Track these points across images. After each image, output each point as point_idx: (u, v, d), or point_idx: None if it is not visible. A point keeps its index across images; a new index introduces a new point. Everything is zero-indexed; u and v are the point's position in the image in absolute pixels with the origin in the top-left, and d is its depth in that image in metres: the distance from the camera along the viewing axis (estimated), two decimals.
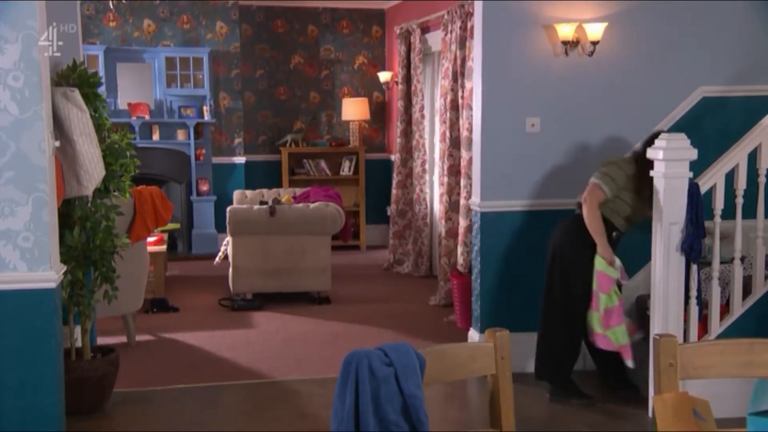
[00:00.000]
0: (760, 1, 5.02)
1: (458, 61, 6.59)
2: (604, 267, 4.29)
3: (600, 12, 4.93)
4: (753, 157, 4.24)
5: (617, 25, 4.95)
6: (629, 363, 4.30)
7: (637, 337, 4.41)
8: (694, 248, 4.05)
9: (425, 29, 7.94)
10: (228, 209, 6.78)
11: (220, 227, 8.39)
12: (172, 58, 8.65)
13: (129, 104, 8.55)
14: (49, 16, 3.41)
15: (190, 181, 8.81)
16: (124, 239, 4.60)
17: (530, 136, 4.96)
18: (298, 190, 7.99)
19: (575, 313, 4.44)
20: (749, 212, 4.25)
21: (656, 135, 4.25)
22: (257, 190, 8.17)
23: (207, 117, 8.72)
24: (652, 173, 4.16)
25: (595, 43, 4.86)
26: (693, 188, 4.06)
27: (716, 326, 4.24)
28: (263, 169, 9.30)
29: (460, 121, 6.61)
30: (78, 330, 4.46)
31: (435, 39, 7.64)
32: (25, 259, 3.26)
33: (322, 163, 9.37)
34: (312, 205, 6.84)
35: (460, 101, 6.63)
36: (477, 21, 5.04)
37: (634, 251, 4.83)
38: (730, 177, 4.20)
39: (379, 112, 9.64)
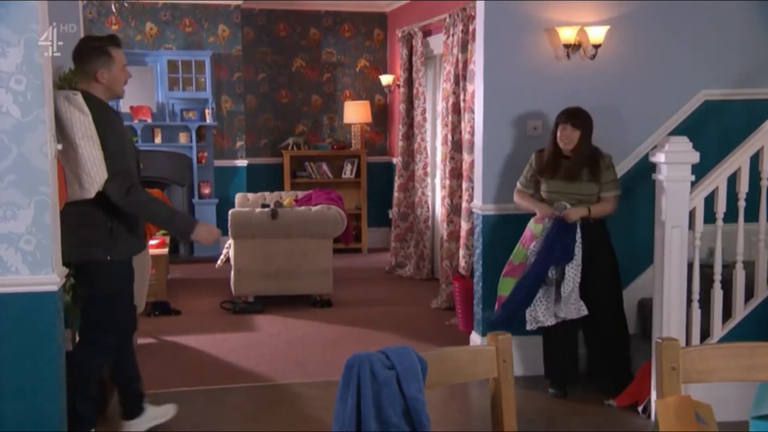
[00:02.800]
0: (762, 3, 5.02)
1: (460, 65, 6.59)
2: (533, 226, 4.56)
3: (602, 15, 4.93)
4: (755, 161, 4.24)
5: (619, 29, 4.95)
6: (496, 314, 4.59)
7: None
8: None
9: (427, 32, 7.95)
10: (230, 212, 6.78)
11: (222, 230, 8.37)
12: (174, 61, 8.66)
13: (131, 107, 8.55)
14: (50, 16, 3.41)
15: (192, 184, 8.82)
16: None
17: (532, 139, 4.96)
18: (300, 193, 7.99)
19: None
20: (751, 215, 4.25)
21: (563, 112, 4.53)
22: (259, 193, 8.17)
23: (209, 120, 8.73)
24: (654, 176, 4.16)
25: (597, 47, 4.86)
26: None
27: (718, 330, 4.24)
28: (265, 172, 9.30)
29: (462, 124, 6.62)
30: None
31: (437, 42, 7.65)
32: (27, 263, 3.26)
33: (324, 166, 9.38)
34: (314, 208, 6.85)
35: (461, 104, 6.63)
36: (479, 24, 5.04)
37: (636, 254, 4.83)
38: (732, 180, 4.20)
39: (381, 115, 9.65)
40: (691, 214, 4.13)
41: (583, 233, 4.50)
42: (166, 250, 7.05)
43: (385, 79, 9.19)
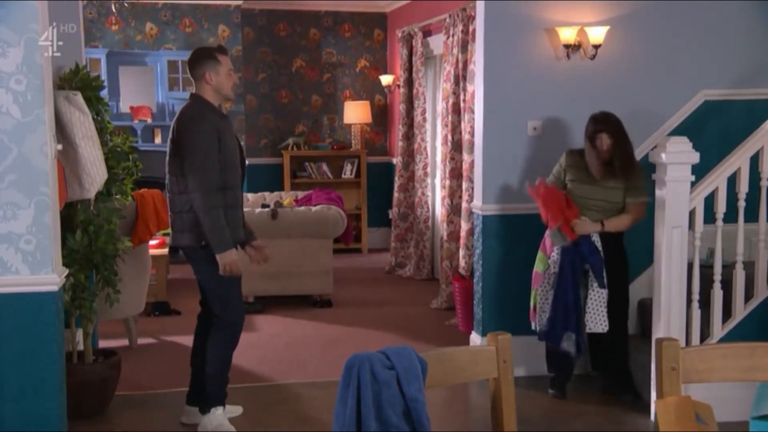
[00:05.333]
0: (762, 3, 5.02)
1: (460, 65, 6.59)
2: (549, 233, 4.55)
3: (602, 15, 4.93)
4: (755, 161, 4.24)
5: (619, 29, 4.95)
6: (534, 325, 4.63)
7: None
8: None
9: (427, 33, 7.95)
10: None
11: None
12: (175, 61, 8.66)
13: (131, 107, 8.56)
14: (50, 16, 3.42)
15: None
16: (126, 242, 4.60)
17: (532, 139, 4.96)
18: (300, 194, 7.98)
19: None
20: (751, 215, 4.25)
21: (593, 118, 4.47)
22: (259, 194, 8.16)
23: None
24: (654, 176, 4.16)
25: (596, 47, 4.86)
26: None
27: (718, 330, 4.24)
28: (265, 173, 9.30)
29: (462, 125, 6.62)
30: (80, 333, 4.47)
31: (437, 42, 7.65)
32: (27, 263, 3.27)
33: (324, 167, 9.37)
34: (314, 209, 6.84)
35: (461, 104, 6.63)
36: (479, 24, 5.04)
37: (636, 254, 4.83)
38: (732, 180, 4.20)
39: (381, 116, 9.65)
40: (691, 214, 4.14)
41: (598, 237, 4.50)
42: (166, 251, 7.04)
43: (385, 80, 9.19)
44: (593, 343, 4.71)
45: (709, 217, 4.18)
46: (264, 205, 7.26)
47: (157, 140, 8.63)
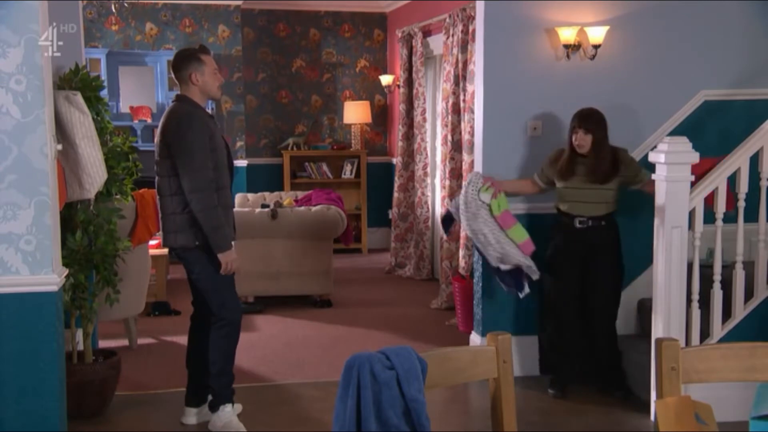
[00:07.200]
0: (762, 3, 5.02)
1: (460, 65, 6.59)
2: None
3: (602, 16, 4.93)
4: (755, 161, 4.24)
5: (619, 29, 4.95)
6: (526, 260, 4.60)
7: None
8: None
9: (427, 33, 7.95)
10: None
11: None
12: None
13: (131, 108, 8.55)
14: (50, 16, 3.42)
15: None
16: (125, 242, 4.60)
17: (532, 139, 4.96)
18: (300, 194, 7.99)
19: (552, 310, 4.69)
20: (751, 216, 4.25)
21: (576, 115, 4.56)
22: (259, 194, 8.17)
23: None
24: (654, 176, 4.16)
25: (596, 47, 4.86)
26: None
27: (718, 330, 4.24)
28: (265, 173, 9.30)
29: (462, 125, 6.62)
30: (80, 333, 4.47)
31: (437, 42, 7.65)
32: (27, 263, 3.27)
33: (324, 167, 9.38)
34: (313, 209, 6.84)
35: (461, 104, 6.63)
36: (479, 24, 5.04)
37: (636, 254, 4.83)
38: (732, 181, 4.20)
39: (381, 116, 9.65)
40: (691, 214, 4.14)
41: (589, 233, 4.52)
42: (165, 251, 7.04)
43: (385, 80, 9.19)
44: (587, 343, 4.72)
45: (709, 217, 4.18)
46: (264, 205, 7.26)
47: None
